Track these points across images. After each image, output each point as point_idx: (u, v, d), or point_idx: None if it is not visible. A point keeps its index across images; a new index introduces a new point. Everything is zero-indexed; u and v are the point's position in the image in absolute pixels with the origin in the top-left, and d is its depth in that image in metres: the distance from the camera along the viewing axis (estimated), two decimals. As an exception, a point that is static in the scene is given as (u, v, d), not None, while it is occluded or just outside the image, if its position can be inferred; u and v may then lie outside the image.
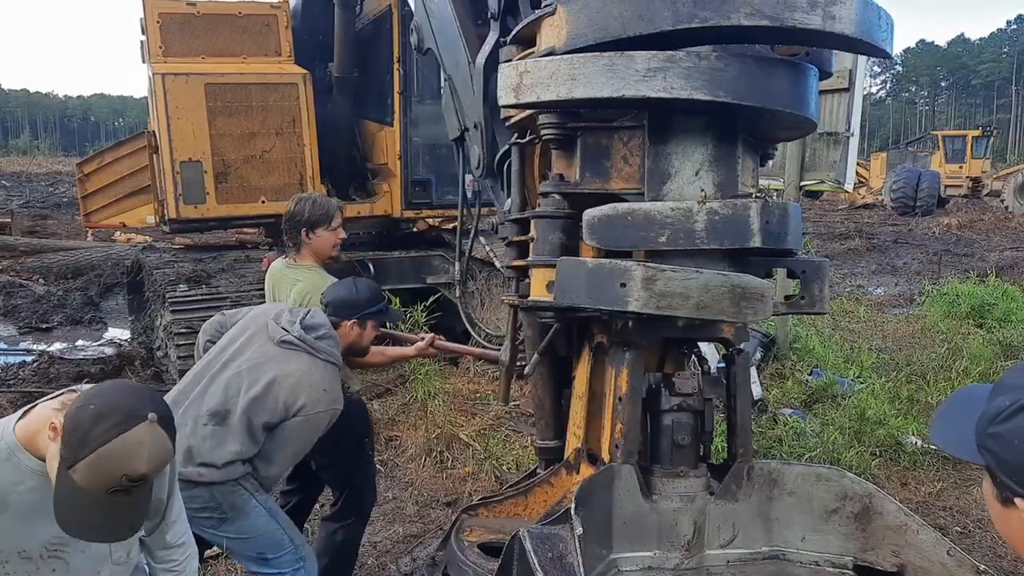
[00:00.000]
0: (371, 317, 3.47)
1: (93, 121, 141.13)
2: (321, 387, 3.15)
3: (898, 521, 2.54)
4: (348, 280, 3.63)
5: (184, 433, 3.02)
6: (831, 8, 2.19)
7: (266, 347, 3.20)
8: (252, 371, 3.13)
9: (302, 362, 3.17)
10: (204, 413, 3.08)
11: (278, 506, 3.34)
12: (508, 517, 2.94)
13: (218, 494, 3.06)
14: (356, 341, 3.46)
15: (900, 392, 7.04)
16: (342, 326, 3.39)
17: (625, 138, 2.55)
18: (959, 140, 34.16)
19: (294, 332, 3.20)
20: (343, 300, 3.43)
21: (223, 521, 3.11)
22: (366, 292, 3.50)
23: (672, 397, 2.63)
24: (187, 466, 3.00)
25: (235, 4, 8.31)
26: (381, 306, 3.53)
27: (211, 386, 3.15)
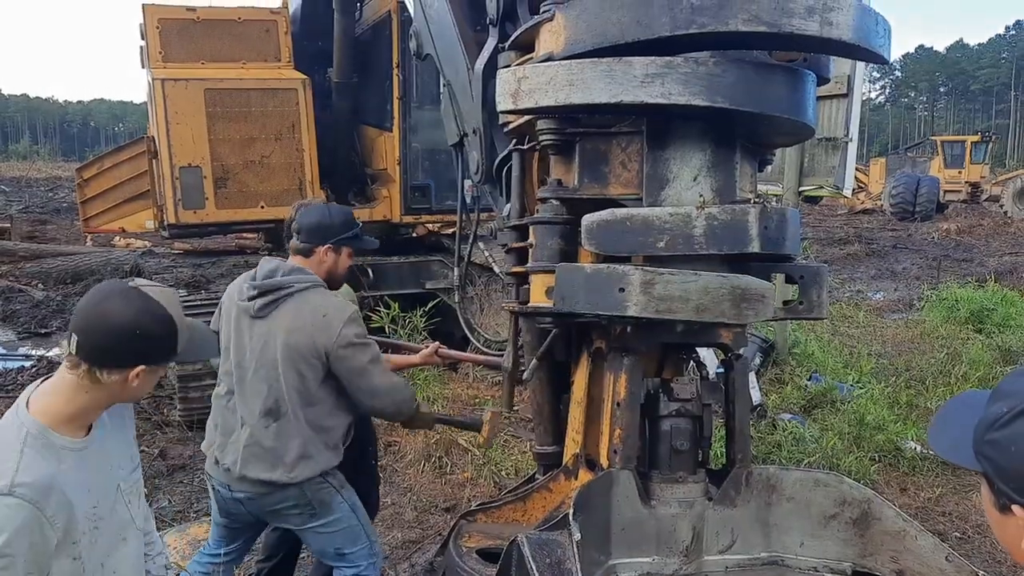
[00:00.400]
0: (346, 243, 3.37)
1: (93, 126, 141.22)
2: (320, 314, 3.09)
3: (897, 527, 2.53)
4: (321, 205, 3.52)
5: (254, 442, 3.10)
6: (829, 14, 2.19)
7: (254, 325, 3.17)
8: (265, 353, 3.12)
9: (288, 310, 3.12)
10: (260, 418, 3.11)
11: (360, 502, 3.36)
12: (507, 523, 2.94)
13: (308, 491, 3.12)
14: (331, 268, 3.34)
15: (899, 397, 7.04)
16: (316, 252, 3.28)
17: (623, 144, 2.55)
18: (958, 145, 34.22)
19: (259, 293, 3.15)
20: (316, 225, 3.30)
21: (312, 516, 3.18)
22: (339, 216, 3.39)
23: (671, 403, 2.63)
24: (273, 472, 3.07)
25: (235, 10, 8.32)
26: (355, 231, 3.43)
27: (246, 391, 3.16)
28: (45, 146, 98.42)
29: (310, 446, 3.10)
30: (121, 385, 1.97)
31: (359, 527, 3.29)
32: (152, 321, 1.95)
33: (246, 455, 3.11)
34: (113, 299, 1.95)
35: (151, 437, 6.65)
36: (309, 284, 3.18)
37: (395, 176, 8.41)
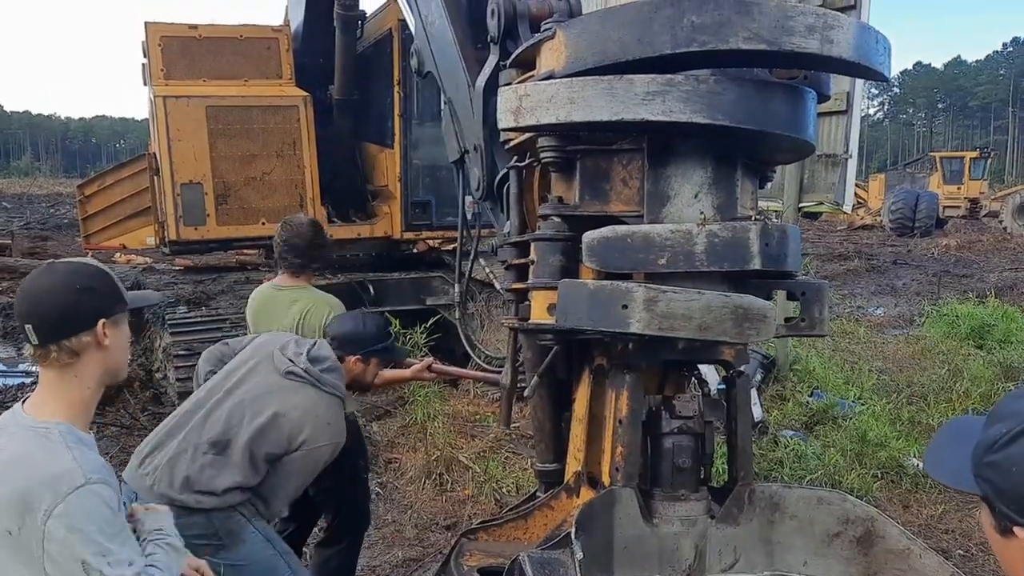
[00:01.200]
0: (376, 354, 3.45)
1: (94, 143, 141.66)
2: (325, 420, 3.13)
3: (900, 545, 2.52)
4: (356, 314, 3.63)
5: (184, 460, 3.00)
6: (829, 32, 2.20)
7: (271, 377, 3.17)
8: (256, 402, 3.10)
9: (308, 395, 3.14)
10: (204, 442, 3.04)
11: (275, 532, 3.31)
12: (508, 541, 2.92)
13: (215, 520, 3.01)
14: (359, 377, 3.44)
15: (901, 414, 7.02)
16: (346, 361, 3.36)
17: (624, 161, 2.55)
18: (957, 161, 34.34)
19: (300, 364, 3.18)
20: (349, 335, 3.41)
21: (220, 548, 3.04)
22: (373, 328, 3.48)
23: (672, 420, 2.62)
24: (183, 493, 2.95)
25: (236, 27, 8.38)
26: (387, 344, 3.51)
27: (213, 414, 3.11)
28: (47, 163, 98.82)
29: (234, 492, 3.02)
30: (97, 350, 1.97)
31: (276, 557, 3.14)
32: (85, 275, 1.98)
33: (168, 468, 2.99)
34: (41, 276, 1.99)
35: (151, 454, 6.62)
36: (337, 394, 3.23)
37: (396, 192, 8.43)
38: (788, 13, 2.19)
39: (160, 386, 7.99)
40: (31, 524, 1.79)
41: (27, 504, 1.79)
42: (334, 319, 3.55)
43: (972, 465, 1.22)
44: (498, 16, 3.15)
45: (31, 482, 1.81)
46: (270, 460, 3.08)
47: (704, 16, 2.18)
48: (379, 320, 3.66)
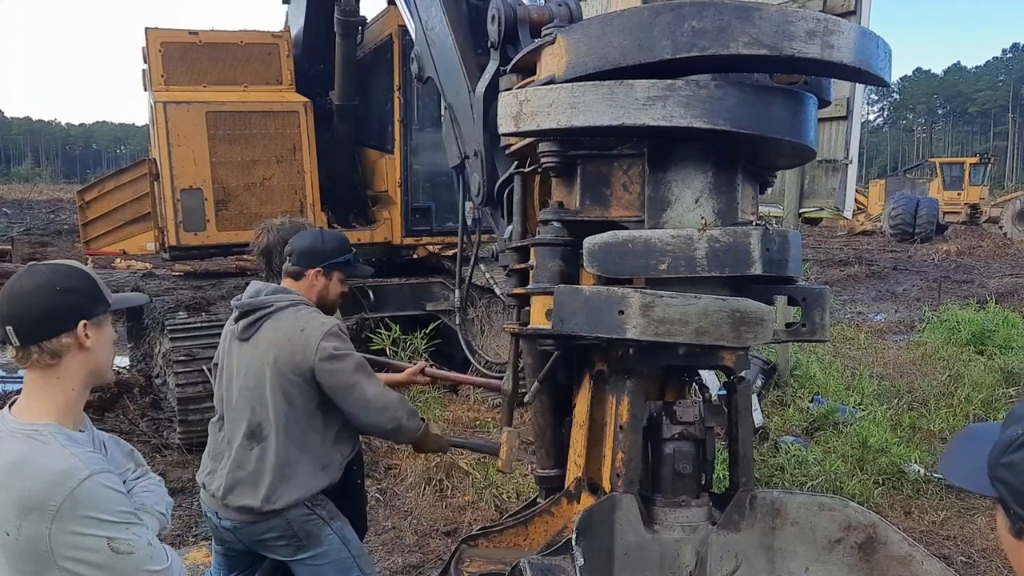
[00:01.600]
0: (337, 268, 3.33)
1: (95, 149, 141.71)
2: (297, 329, 3.06)
3: (902, 551, 2.51)
4: (315, 230, 3.52)
5: (236, 467, 3.07)
6: (829, 38, 2.20)
7: (240, 349, 3.17)
8: (248, 376, 3.11)
9: (268, 331, 3.11)
10: (243, 440, 3.08)
11: (353, 532, 3.30)
12: (508, 547, 2.91)
13: (294, 522, 3.06)
14: (322, 293, 3.31)
15: (902, 420, 7.01)
16: (306, 276, 3.26)
17: (625, 166, 2.55)
18: (957, 167, 34.37)
19: (241, 314, 3.15)
20: (308, 248, 3.28)
21: (299, 548, 3.11)
22: (332, 242, 3.37)
23: (673, 425, 2.61)
24: (255, 497, 3.02)
25: (237, 33, 8.39)
26: (347, 256, 3.38)
27: (233, 416, 3.15)
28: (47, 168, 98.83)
29: (295, 468, 3.05)
30: (79, 351, 1.96)
31: (350, 560, 3.20)
32: (65, 276, 1.97)
33: (230, 481, 3.07)
34: (21, 278, 1.97)
35: (150, 460, 6.61)
36: (289, 303, 3.15)
37: (396, 198, 8.44)
38: (788, 18, 2.19)
39: (160, 392, 7.98)
40: (35, 525, 1.77)
41: (29, 507, 1.77)
42: (295, 235, 3.40)
43: (988, 467, 1.21)
44: (499, 21, 3.15)
45: (35, 484, 1.79)
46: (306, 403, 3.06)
47: (704, 21, 2.18)
48: (338, 234, 3.56)
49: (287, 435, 3.05)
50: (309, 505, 3.09)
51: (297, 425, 3.07)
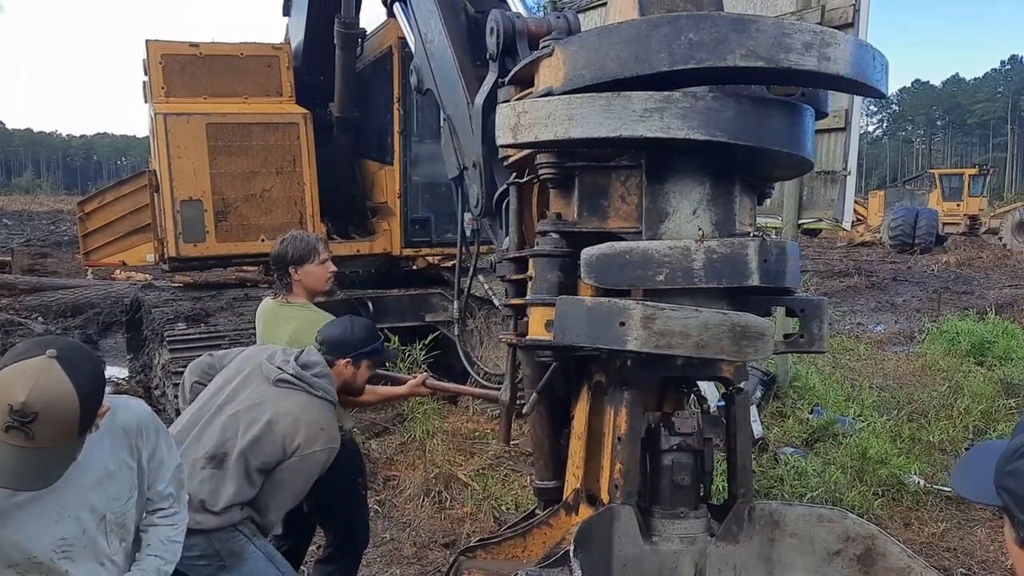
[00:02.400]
0: (365, 356, 3.44)
1: (96, 160, 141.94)
2: (318, 425, 3.12)
3: (901, 563, 2.50)
4: (344, 318, 3.60)
5: None
6: (826, 49, 2.21)
7: (262, 387, 3.18)
8: (248, 412, 3.11)
9: (299, 400, 3.14)
10: (201, 457, 3.05)
11: (276, 550, 3.29)
12: (507, 559, 2.90)
13: (216, 541, 3.02)
14: (350, 381, 3.43)
15: (902, 431, 6.99)
16: (336, 365, 3.35)
17: (623, 177, 2.56)
18: (956, 178, 34.43)
19: (289, 370, 3.18)
20: (338, 339, 3.40)
21: (221, 568, 3.06)
22: (361, 331, 3.47)
23: (671, 437, 2.61)
24: None
25: (237, 45, 8.41)
26: (376, 345, 3.49)
27: (207, 430, 3.12)
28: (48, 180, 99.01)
29: (234, 508, 3.03)
30: None
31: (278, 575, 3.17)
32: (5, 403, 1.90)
33: None
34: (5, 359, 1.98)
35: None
36: (328, 399, 3.23)
37: (395, 209, 8.45)
38: (785, 31, 2.20)
39: (159, 403, 7.97)
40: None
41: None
42: (324, 324, 3.52)
43: (995, 476, 1.21)
44: (497, 34, 3.17)
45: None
46: (265, 470, 3.07)
47: (701, 33, 2.19)
48: (367, 323, 3.63)
49: (239, 481, 3.04)
50: (233, 526, 3.06)
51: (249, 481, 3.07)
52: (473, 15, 3.79)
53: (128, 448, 2.31)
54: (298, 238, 3.91)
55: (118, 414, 2.28)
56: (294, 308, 3.93)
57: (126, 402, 2.41)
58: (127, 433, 2.31)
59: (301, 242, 3.88)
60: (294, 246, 3.86)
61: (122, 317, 11.03)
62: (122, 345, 10.87)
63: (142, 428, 2.35)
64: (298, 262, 3.84)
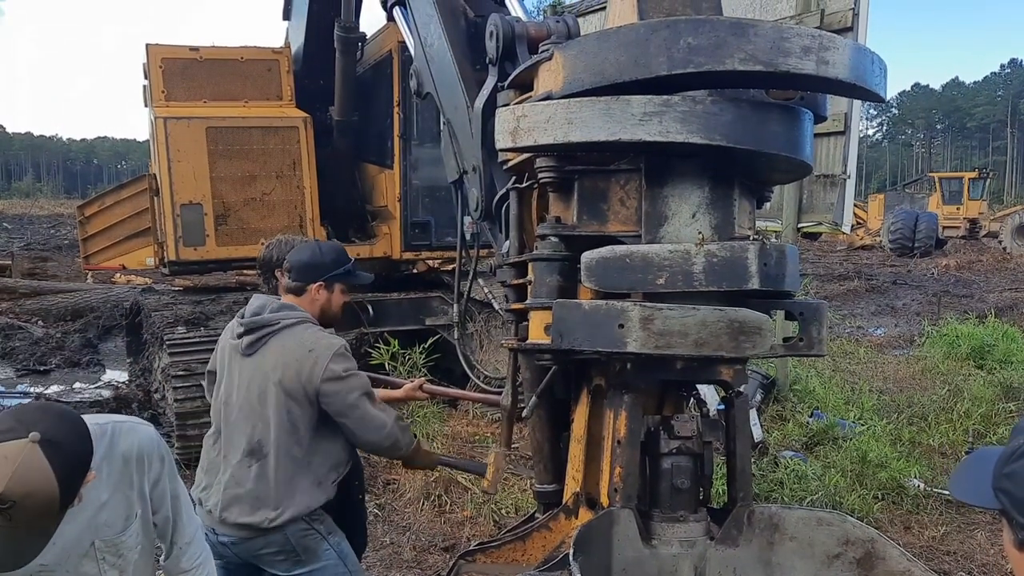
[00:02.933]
0: (338, 279, 3.32)
1: (96, 164, 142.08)
2: (305, 350, 3.06)
3: (901, 567, 2.50)
4: (311, 243, 3.51)
5: (234, 484, 3.07)
6: (824, 54, 2.21)
7: (243, 364, 3.16)
8: (250, 392, 3.10)
9: (274, 348, 3.10)
10: (242, 458, 3.08)
11: (350, 547, 3.29)
12: (506, 563, 2.90)
13: (292, 537, 3.05)
14: (325, 306, 3.30)
15: (902, 434, 6.99)
16: (308, 291, 3.25)
17: (622, 181, 2.56)
18: (956, 182, 34.45)
19: (246, 331, 3.14)
20: (307, 262, 3.27)
21: (297, 563, 3.11)
22: (331, 253, 3.35)
23: (671, 440, 2.61)
24: (254, 515, 3.01)
25: (237, 49, 8.42)
26: (348, 267, 3.37)
27: (232, 431, 3.14)
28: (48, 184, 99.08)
29: (294, 485, 3.06)
30: None
31: (347, 574, 3.21)
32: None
33: (227, 498, 3.06)
34: None
35: (148, 475, 6.58)
36: (296, 320, 3.15)
37: (395, 213, 8.45)
38: (784, 35, 2.21)
39: (159, 407, 7.97)
40: None
41: None
42: (292, 251, 3.38)
43: (992, 479, 1.22)
44: (496, 38, 3.18)
45: None
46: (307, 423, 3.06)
47: (700, 38, 2.19)
48: (335, 245, 3.56)
49: (287, 454, 3.05)
50: (307, 520, 3.09)
51: (297, 444, 3.07)
52: (473, 19, 3.79)
53: (126, 477, 2.24)
54: (284, 242, 3.89)
55: (119, 441, 2.22)
56: None
57: (131, 427, 2.33)
58: (126, 461, 2.25)
59: (288, 246, 3.86)
60: (280, 250, 3.84)
61: (122, 321, 11.03)
62: (122, 349, 10.87)
63: (143, 456, 2.29)
64: None
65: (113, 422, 2.21)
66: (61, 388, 10.15)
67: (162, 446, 2.38)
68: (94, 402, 8.57)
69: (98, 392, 9.67)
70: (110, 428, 2.18)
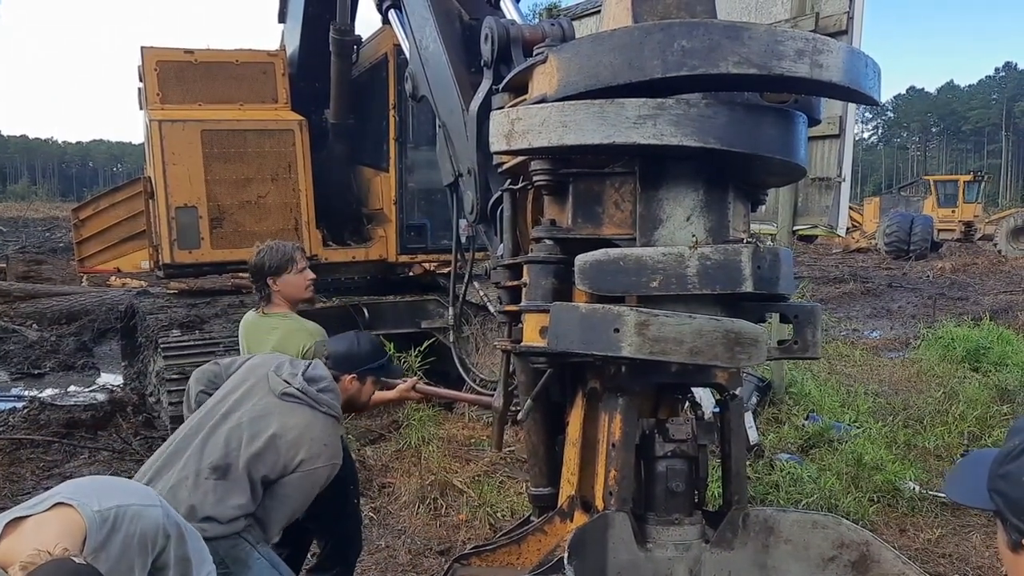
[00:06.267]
0: (371, 372, 3.45)
1: (91, 167, 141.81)
2: (322, 441, 3.12)
3: (896, 569, 2.50)
4: (351, 334, 3.62)
5: (185, 487, 3.01)
6: (818, 57, 2.21)
7: (267, 399, 3.17)
8: (253, 424, 3.10)
9: (304, 415, 3.14)
10: (206, 467, 3.04)
11: (280, 558, 3.28)
12: (501, 566, 2.90)
13: (220, 549, 3.00)
14: (355, 396, 3.43)
15: (897, 437, 6.99)
16: (342, 380, 3.36)
17: (617, 184, 2.56)
18: (951, 185, 34.57)
19: (296, 384, 3.17)
20: (344, 354, 3.41)
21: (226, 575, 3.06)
22: (367, 346, 3.48)
23: (666, 443, 2.60)
24: (191, 522, 2.95)
25: (232, 52, 8.42)
26: (382, 361, 3.51)
27: (211, 438, 3.11)
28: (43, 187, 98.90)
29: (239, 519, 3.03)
30: None
31: None
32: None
33: (170, 495, 2.98)
34: None
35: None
36: (333, 414, 3.24)
37: (391, 216, 8.45)
38: (778, 38, 2.21)
39: (153, 410, 7.96)
40: None
41: None
42: (331, 339, 3.53)
43: (987, 481, 1.22)
44: (491, 41, 3.18)
45: None
46: (267, 483, 3.07)
47: (694, 41, 2.19)
48: (374, 339, 3.65)
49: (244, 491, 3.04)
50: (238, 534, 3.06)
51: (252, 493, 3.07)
52: (468, 22, 3.79)
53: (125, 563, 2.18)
54: (275, 248, 3.90)
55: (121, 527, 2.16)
56: (275, 318, 3.93)
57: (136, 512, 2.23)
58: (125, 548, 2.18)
59: (278, 252, 3.86)
60: (271, 256, 3.84)
61: (117, 324, 11.01)
62: (117, 352, 10.85)
63: (146, 542, 2.22)
64: (276, 272, 3.83)
65: (118, 507, 2.13)
66: (56, 392, 10.12)
67: (168, 526, 2.30)
68: (89, 405, 8.54)
69: (93, 396, 9.65)
70: (112, 515, 2.11)
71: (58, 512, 2.03)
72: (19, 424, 7.84)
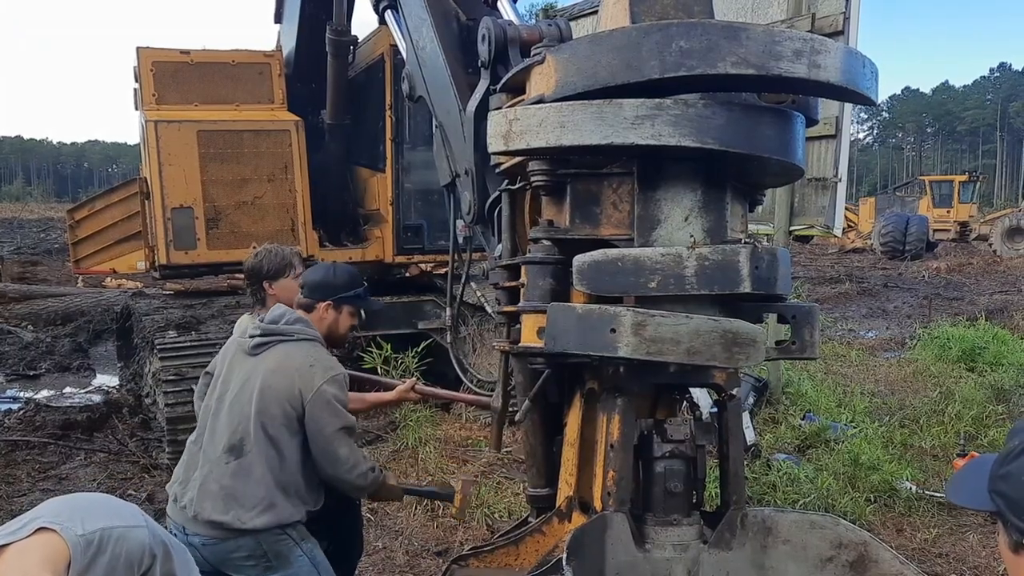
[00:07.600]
0: (347, 301, 3.37)
1: (87, 167, 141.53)
2: (307, 363, 3.10)
3: (894, 570, 2.50)
4: (326, 263, 3.58)
5: (212, 480, 3.04)
6: (816, 57, 2.21)
7: (245, 363, 3.18)
8: (244, 390, 3.11)
9: (277, 354, 3.13)
10: (222, 454, 3.06)
11: (323, 554, 3.27)
12: (499, 567, 2.89)
13: (264, 543, 3.03)
14: (332, 326, 3.35)
15: (893, 437, 7.01)
16: (316, 308, 3.30)
17: (615, 184, 2.56)
18: (946, 185, 34.66)
19: (258, 332, 3.17)
20: (319, 282, 3.35)
21: (268, 569, 3.08)
22: (344, 275, 3.42)
23: (664, 444, 2.60)
24: (227, 513, 2.99)
25: (228, 52, 8.41)
26: (358, 291, 3.43)
27: (217, 427, 3.13)
28: (38, 187, 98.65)
29: (273, 491, 3.04)
30: None
31: None
32: None
33: (202, 493, 3.04)
34: None
35: (139, 480, 6.57)
36: (309, 337, 3.20)
37: (388, 216, 8.44)
38: (775, 38, 2.21)
39: (149, 411, 7.94)
40: None
41: None
42: (307, 269, 3.49)
43: (988, 482, 1.22)
44: (489, 41, 3.17)
45: None
46: (287, 436, 3.05)
47: (692, 41, 2.19)
48: (350, 268, 3.59)
49: (267, 457, 3.04)
50: (281, 526, 3.07)
51: (276, 451, 3.06)
52: (465, 22, 3.79)
53: None
54: (273, 252, 3.87)
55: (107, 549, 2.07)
56: None
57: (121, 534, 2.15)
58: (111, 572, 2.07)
59: (277, 256, 3.83)
60: (270, 260, 3.82)
61: (112, 325, 10.99)
62: (112, 353, 10.82)
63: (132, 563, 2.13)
64: (273, 276, 3.80)
65: (102, 530, 2.06)
66: (51, 393, 10.10)
67: (154, 546, 2.23)
68: (84, 406, 8.52)
69: (88, 397, 9.63)
70: (97, 538, 2.03)
71: (40, 537, 1.98)
72: (15, 426, 7.82)
